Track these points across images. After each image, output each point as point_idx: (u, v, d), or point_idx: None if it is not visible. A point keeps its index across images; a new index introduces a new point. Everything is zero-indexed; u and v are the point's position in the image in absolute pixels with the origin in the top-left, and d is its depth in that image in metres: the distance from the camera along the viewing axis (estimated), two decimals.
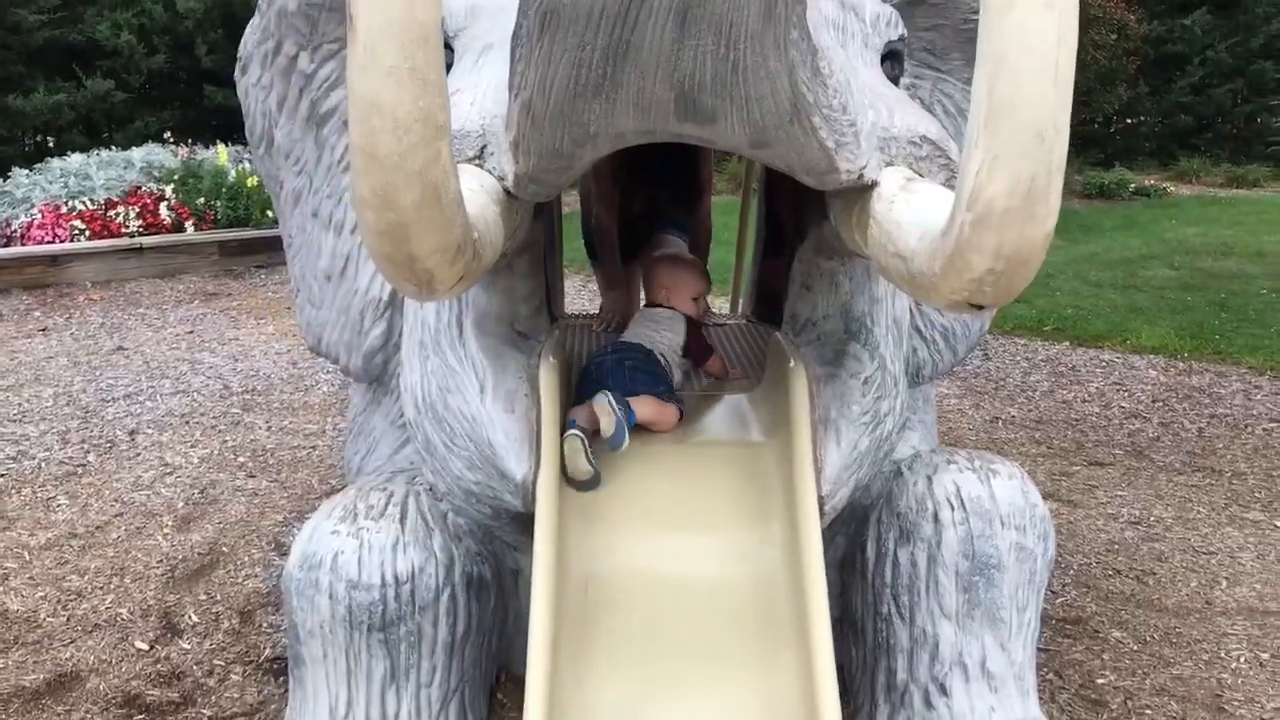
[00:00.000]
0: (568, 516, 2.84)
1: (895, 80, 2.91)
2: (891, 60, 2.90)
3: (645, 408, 3.01)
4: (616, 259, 4.46)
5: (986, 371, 7.31)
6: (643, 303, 3.59)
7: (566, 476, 2.81)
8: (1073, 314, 8.74)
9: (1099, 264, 10.92)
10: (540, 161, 2.21)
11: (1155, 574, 4.30)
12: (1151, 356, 7.67)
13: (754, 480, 2.98)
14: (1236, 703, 3.40)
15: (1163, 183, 18.94)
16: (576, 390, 3.11)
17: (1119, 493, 5.17)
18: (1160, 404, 6.62)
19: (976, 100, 1.71)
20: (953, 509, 2.99)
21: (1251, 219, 14.08)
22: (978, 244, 1.77)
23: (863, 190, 2.33)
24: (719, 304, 5.95)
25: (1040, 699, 3.21)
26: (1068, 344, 8.02)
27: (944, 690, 2.95)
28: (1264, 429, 6.16)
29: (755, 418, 3.19)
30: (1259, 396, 6.75)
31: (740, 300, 5.23)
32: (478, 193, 2.21)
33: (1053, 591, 4.12)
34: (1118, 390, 6.90)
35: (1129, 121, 22.71)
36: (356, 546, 2.85)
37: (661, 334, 3.27)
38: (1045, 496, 4.96)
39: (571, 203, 4.84)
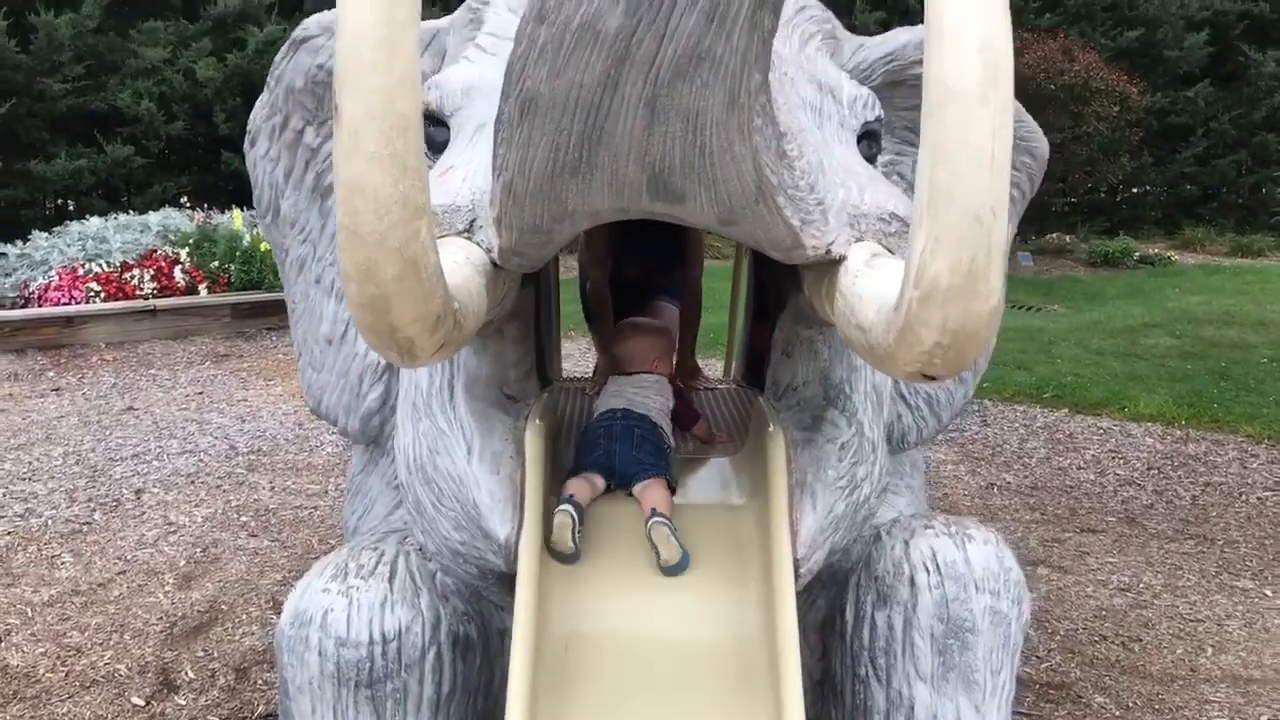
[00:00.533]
0: (549, 577, 2.92)
1: (872, 159, 3.04)
2: (869, 140, 3.03)
3: (658, 496, 2.97)
4: (611, 322, 4.58)
5: (984, 438, 7.38)
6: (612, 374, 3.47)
7: (548, 543, 2.86)
8: (1072, 381, 8.82)
9: (1101, 332, 11.01)
10: (522, 236, 2.34)
11: (1141, 640, 4.34)
12: (1149, 424, 7.73)
13: (733, 542, 3.05)
14: None
15: (1167, 251, 19.10)
16: (577, 452, 3.11)
17: (1109, 559, 5.21)
18: (1155, 471, 6.67)
19: (920, 186, 1.83)
20: (928, 573, 3.07)
21: (1255, 288, 14.18)
22: (925, 319, 1.87)
23: (832, 264, 2.44)
24: (714, 366, 6.05)
25: None
26: (1066, 411, 8.09)
27: None
28: (1258, 497, 6.20)
29: (736, 481, 3.27)
30: (1255, 465, 6.80)
31: (732, 364, 5.33)
32: (462, 264, 2.33)
33: (1037, 657, 4.17)
34: (1113, 458, 6.96)
35: (1134, 190, 22.94)
36: (346, 604, 2.93)
37: (651, 399, 3.27)
38: (1036, 563, 5.03)
39: (572, 266, 4.98)
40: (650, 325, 3.68)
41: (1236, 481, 6.47)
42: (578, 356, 9.17)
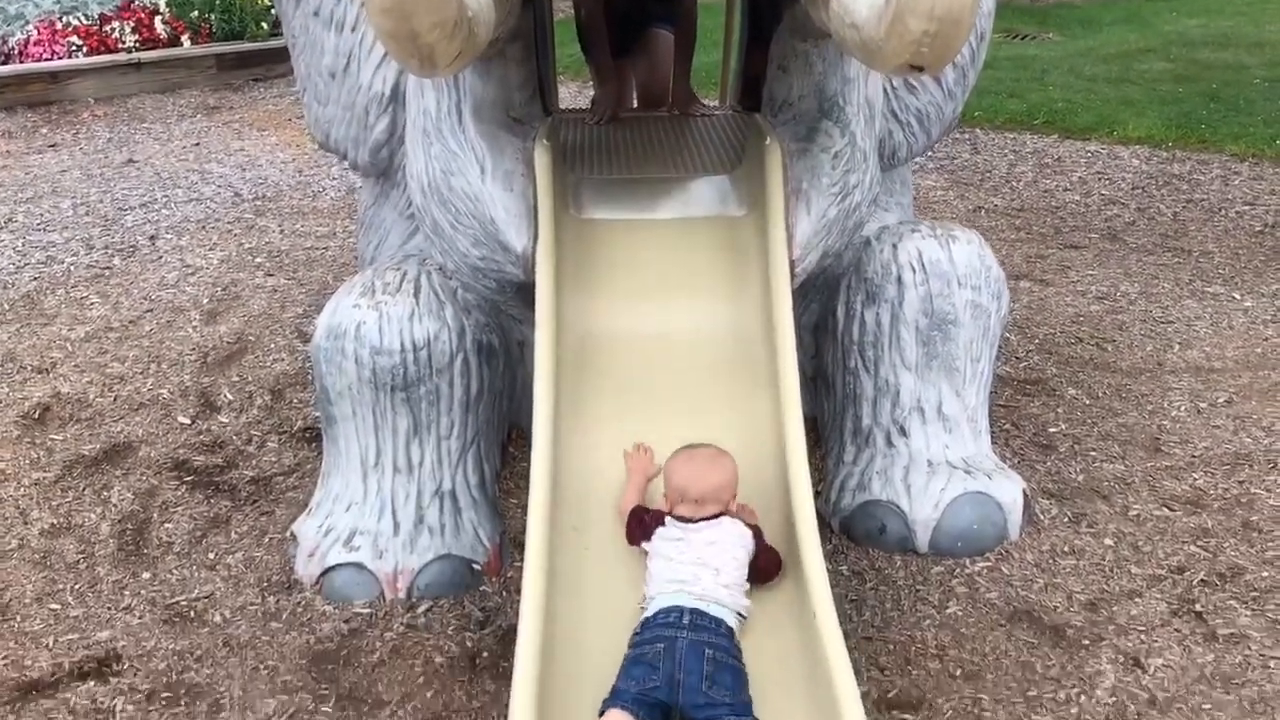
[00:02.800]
0: (564, 287, 3.15)
1: None
2: None
3: None
4: (607, 53, 4.62)
5: (974, 164, 7.50)
6: (667, 517, 2.72)
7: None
8: (1063, 107, 8.84)
9: (1094, 58, 10.90)
10: None
11: (1114, 341, 4.64)
12: (1137, 147, 7.82)
13: (733, 249, 3.27)
14: (1172, 444, 3.78)
15: None
16: (624, 667, 2.40)
17: (1090, 272, 5.46)
18: (1139, 191, 6.84)
19: None
20: (914, 271, 3.30)
21: (1255, 9, 13.87)
22: (913, 7, 2.00)
23: None
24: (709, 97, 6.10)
25: (995, 445, 3.59)
26: (1056, 137, 8.17)
27: (903, 431, 3.32)
28: (1237, 211, 6.40)
29: (735, 194, 3.45)
30: (1236, 182, 6.96)
31: (728, 93, 5.41)
32: None
33: (1016, 358, 4.47)
34: (1100, 179, 7.11)
35: None
36: (377, 318, 3.18)
37: (728, 569, 2.56)
38: (1019, 276, 5.28)
39: (566, 9, 4.97)
40: (716, 453, 2.79)
41: (1218, 198, 6.65)
42: (568, 100, 9.14)
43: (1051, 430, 3.90)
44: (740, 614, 2.52)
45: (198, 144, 8.35)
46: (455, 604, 3.08)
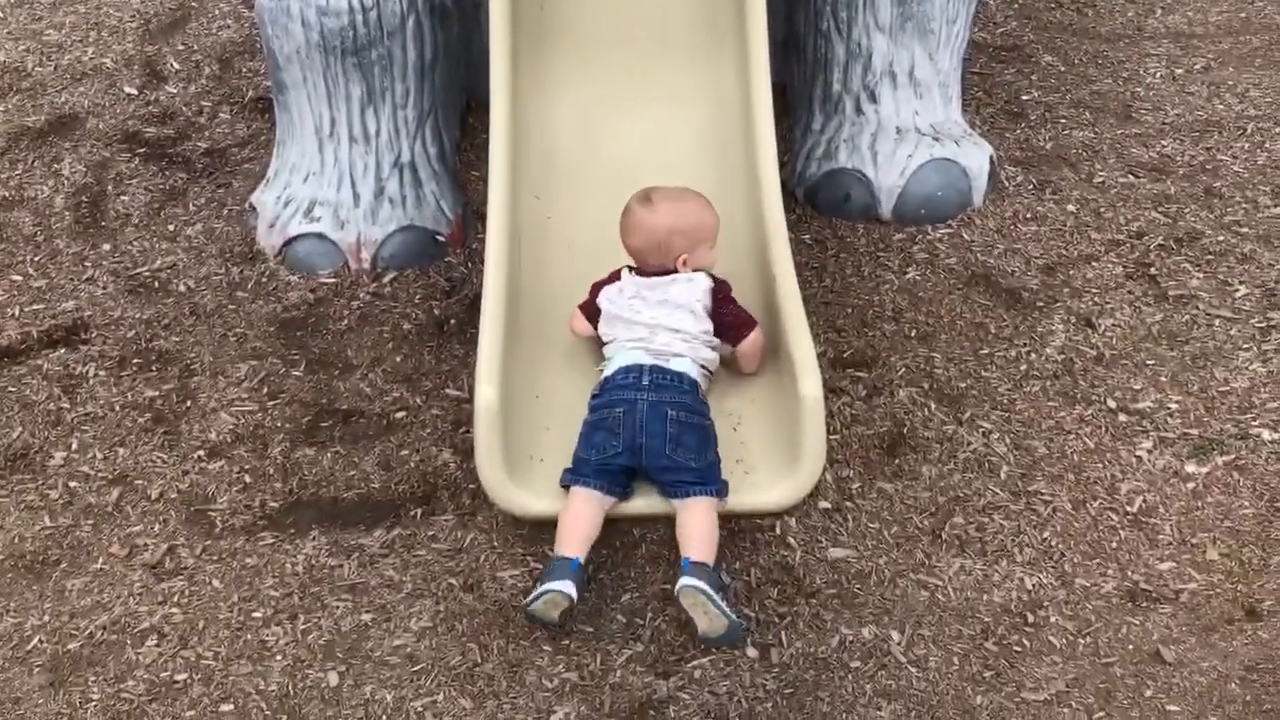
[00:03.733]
0: None
1: None
2: None
3: (700, 531, 2.18)
4: None
5: None
6: (623, 271, 2.54)
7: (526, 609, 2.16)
8: None
9: None
10: None
11: (1096, 5, 4.46)
12: None
13: None
14: (1143, 111, 3.72)
15: None
16: (584, 434, 2.32)
17: None
18: None
19: None
20: None
21: None
22: None
23: None
24: None
25: (966, 114, 3.52)
26: None
27: (873, 97, 3.24)
28: None
29: None
30: None
31: None
32: None
33: (994, 23, 4.31)
34: None
35: None
36: None
37: (686, 323, 2.43)
38: None
39: None
40: (669, 193, 2.55)
41: None
42: None
43: (1024, 97, 3.82)
44: (704, 367, 2.42)
45: None
46: (420, 274, 3.09)
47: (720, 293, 2.49)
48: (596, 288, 2.56)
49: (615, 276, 2.55)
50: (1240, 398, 2.63)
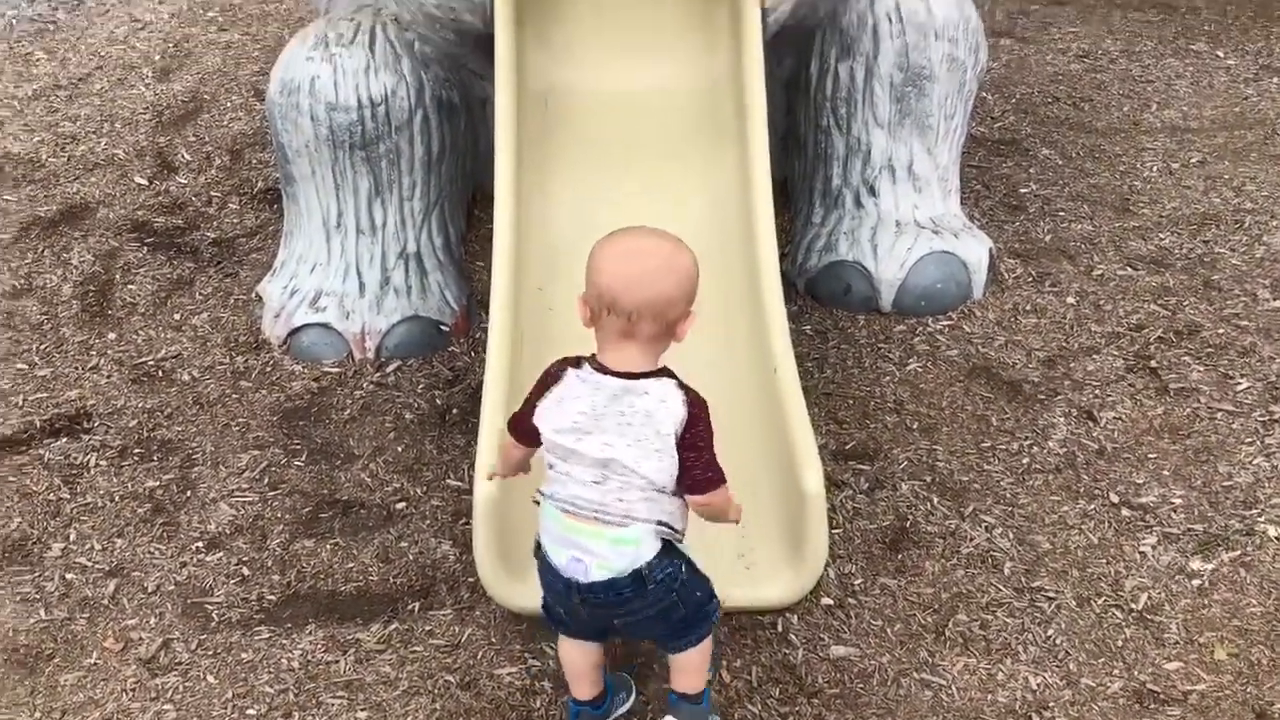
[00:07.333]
0: (525, 42, 3.01)
1: None
2: None
3: (691, 656, 1.96)
4: None
5: None
6: (585, 362, 1.86)
7: None
8: None
9: None
10: None
11: (1092, 100, 4.55)
12: None
13: (703, 3, 3.13)
14: (1141, 204, 3.77)
15: None
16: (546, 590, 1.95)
17: (1072, 29, 5.30)
18: None
19: None
20: (890, 23, 3.18)
21: None
22: None
23: None
24: None
25: (965, 205, 3.57)
26: None
27: (873, 191, 3.28)
28: None
29: None
30: None
31: None
32: None
33: (992, 118, 4.39)
34: None
35: None
36: (331, 71, 3.06)
37: (644, 459, 1.77)
38: (1000, 34, 5.13)
39: None
40: (673, 248, 1.84)
41: None
42: None
43: (1022, 191, 3.87)
44: (666, 524, 1.82)
45: None
46: (424, 364, 3.10)
47: (697, 420, 1.79)
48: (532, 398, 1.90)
49: (554, 377, 1.87)
50: (1245, 493, 2.61)
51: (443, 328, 3.16)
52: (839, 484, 2.64)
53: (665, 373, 1.82)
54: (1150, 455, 2.73)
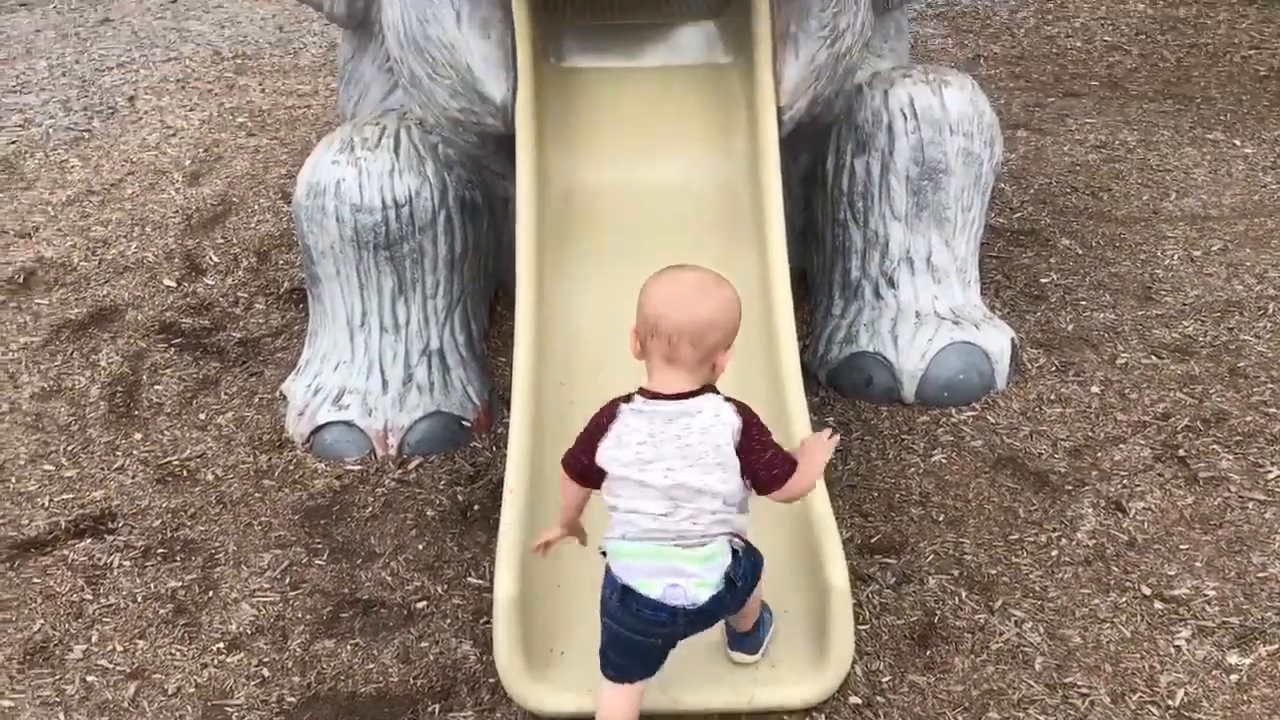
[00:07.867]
0: (546, 137, 3.08)
1: None
2: None
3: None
4: None
5: (974, 10, 7.29)
6: (636, 396, 2.00)
7: None
8: None
9: None
10: None
11: (1110, 190, 4.57)
12: None
13: (719, 97, 3.19)
14: (1163, 292, 3.76)
15: None
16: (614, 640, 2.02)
17: (1088, 120, 5.36)
18: (1143, 36, 6.66)
19: None
20: (905, 119, 3.22)
21: None
22: None
23: None
24: None
25: (986, 296, 3.57)
26: None
27: (892, 283, 3.30)
28: (1242, 56, 6.24)
29: (721, 39, 3.35)
30: (1243, 25, 6.76)
31: None
32: None
33: (1010, 209, 4.42)
34: (1103, 24, 6.91)
35: None
36: (356, 174, 3.12)
37: (709, 477, 1.93)
38: (1017, 126, 5.18)
39: None
40: (714, 280, 2.00)
41: (1223, 42, 6.48)
42: None
43: (1043, 280, 3.87)
44: (736, 537, 2.00)
45: (175, 1, 8.10)
46: (446, 460, 3.10)
47: (751, 427, 1.94)
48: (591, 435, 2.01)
49: (609, 415, 1.99)
50: None
51: (465, 423, 3.17)
52: (865, 578, 2.60)
53: (711, 389, 1.97)
54: (1182, 546, 2.68)
